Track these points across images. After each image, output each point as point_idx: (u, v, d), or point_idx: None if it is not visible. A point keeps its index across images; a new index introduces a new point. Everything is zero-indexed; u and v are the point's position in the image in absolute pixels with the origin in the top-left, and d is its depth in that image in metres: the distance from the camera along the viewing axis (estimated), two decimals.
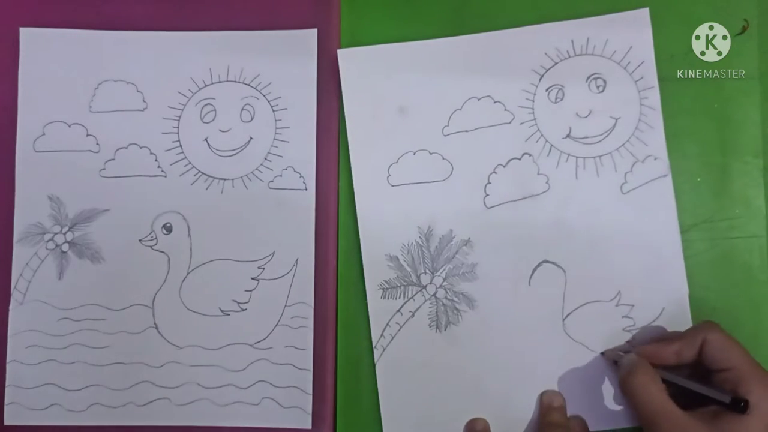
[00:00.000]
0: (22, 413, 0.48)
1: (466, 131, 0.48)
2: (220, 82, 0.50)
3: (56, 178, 0.49)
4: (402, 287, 0.48)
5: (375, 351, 0.47)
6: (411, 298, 0.48)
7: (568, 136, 0.48)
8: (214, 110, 0.49)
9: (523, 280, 0.47)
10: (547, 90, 0.48)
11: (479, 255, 0.48)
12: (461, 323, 0.47)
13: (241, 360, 0.47)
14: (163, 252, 0.48)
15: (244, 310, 0.48)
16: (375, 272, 0.48)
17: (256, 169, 0.49)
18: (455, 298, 0.48)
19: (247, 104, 0.49)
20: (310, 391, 0.47)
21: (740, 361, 0.40)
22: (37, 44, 0.50)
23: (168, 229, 0.49)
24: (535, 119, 0.48)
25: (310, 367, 0.47)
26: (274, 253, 0.48)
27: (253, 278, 0.48)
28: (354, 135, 0.48)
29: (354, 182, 0.48)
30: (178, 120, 0.49)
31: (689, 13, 0.48)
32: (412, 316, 0.47)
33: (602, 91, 0.48)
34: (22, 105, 0.50)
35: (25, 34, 0.50)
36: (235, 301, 0.48)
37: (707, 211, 0.47)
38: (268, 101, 0.49)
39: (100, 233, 0.49)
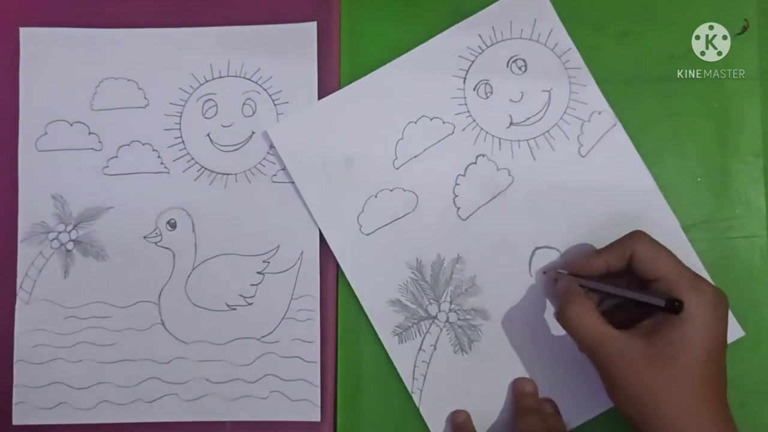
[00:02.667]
0: (30, 412, 0.48)
1: (416, 156, 0.48)
2: (221, 77, 0.50)
3: (59, 176, 0.49)
4: (415, 326, 0.47)
5: (413, 396, 0.46)
6: (427, 332, 0.47)
7: (511, 124, 0.48)
8: (216, 105, 0.49)
9: (524, 274, 0.47)
10: (474, 89, 0.48)
11: (474, 267, 0.47)
12: (483, 338, 0.47)
13: (248, 354, 0.47)
14: (167, 248, 0.48)
15: (250, 304, 0.48)
16: (383, 321, 0.47)
17: (259, 163, 0.49)
18: (468, 316, 0.47)
19: (249, 99, 0.49)
20: (318, 384, 0.47)
21: (669, 270, 0.39)
22: (37, 44, 0.50)
23: (172, 225, 0.48)
24: (474, 121, 0.48)
25: (318, 359, 0.47)
26: (278, 246, 0.48)
27: (258, 272, 0.48)
28: (312, 201, 0.48)
29: (329, 243, 0.47)
30: (180, 116, 0.49)
31: (689, 13, 0.48)
32: (435, 349, 0.47)
33: (525, 71, 0.48)
34: (24, 105, 0.49)
35: (25, 34, 0.50)
36: (241, 295, 0.48)
37: (707, 211, 0.47)
38: (270, 95, 0.49)
39: (104, 231, 0.49)
